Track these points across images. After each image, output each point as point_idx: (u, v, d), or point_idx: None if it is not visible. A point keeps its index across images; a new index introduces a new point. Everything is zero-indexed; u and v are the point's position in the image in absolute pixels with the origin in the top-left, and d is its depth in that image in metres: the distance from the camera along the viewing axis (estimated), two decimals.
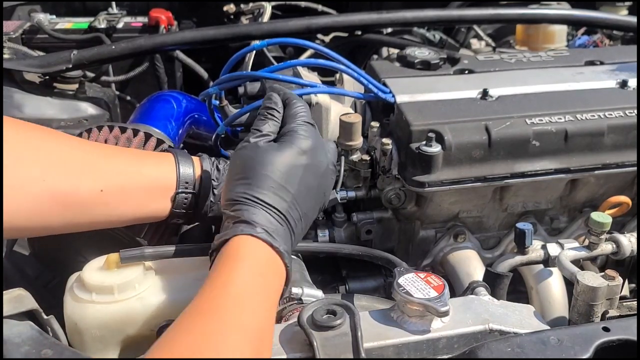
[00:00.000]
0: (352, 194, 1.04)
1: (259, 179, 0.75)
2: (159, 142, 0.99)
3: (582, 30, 1.76)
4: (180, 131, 1.19)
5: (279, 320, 0.80)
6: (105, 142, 0.98)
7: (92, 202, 0.79)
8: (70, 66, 1.24)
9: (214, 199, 0.88)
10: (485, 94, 1.05)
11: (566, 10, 1.48)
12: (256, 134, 0.80)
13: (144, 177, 0.84)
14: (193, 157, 0.90)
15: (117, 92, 1.55)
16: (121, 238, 0.90)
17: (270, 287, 0.70)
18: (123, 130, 0.99)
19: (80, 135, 1.00)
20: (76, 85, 1.34)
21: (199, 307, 0.64)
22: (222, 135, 1.09)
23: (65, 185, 0.77)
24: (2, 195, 0.72)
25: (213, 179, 0.88)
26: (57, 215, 0.78)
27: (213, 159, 0.91)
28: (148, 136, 0.99)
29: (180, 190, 0.86)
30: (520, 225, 0.94)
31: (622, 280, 0.80)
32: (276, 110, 0.83)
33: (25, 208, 0.75)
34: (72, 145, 0.82)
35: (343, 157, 1.01)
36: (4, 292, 0.71)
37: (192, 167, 0.87)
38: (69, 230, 0.82)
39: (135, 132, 0.99)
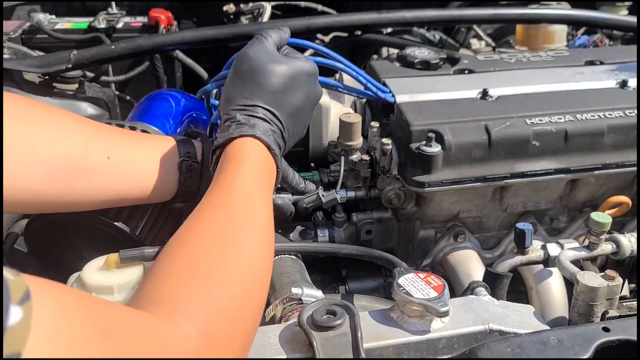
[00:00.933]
0: (352, 194, 1.04)
1: (260, 83, 0.81)
2: None
3: (582, 30, 1.76)
4: (178, 130, 1.19)
5: (279, 320, 0.80)
6: None
7: (100, 170, 0.80)
8: (70, 66, 1.23)
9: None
10: (485, 94, 1.05)
11: (566, 10, 1.48)
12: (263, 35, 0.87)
13: (147, 146, 0.87)
14: (195, 140, 0.92)
15: (117, 92, 1.54)
16: (119, 236, 0.90)
17: (267, 183, 0.77)
18: (120, 127, 0.99)
19: None
20: (76, 85, 1.34)
21: (213, 201, 0.70)
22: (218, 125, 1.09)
23: (74, 152, 0.78)
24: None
25: None
26: (67, 183, 0.78)
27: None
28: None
29: (184, 158, 0.87)
30: (520, 225, 0.94)
31: (622, 280, 0.79)
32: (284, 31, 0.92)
33: (36, 174, 0.75)
34: (78, 117, 0.85)
35: (343, 157, 1.01)
36: None
37: (192, 145, 0.90)
38: (79, 204, 0.82)
39: (133, 130, 0.99)
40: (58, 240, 0.91)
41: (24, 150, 0.74)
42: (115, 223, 0.88)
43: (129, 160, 0.83)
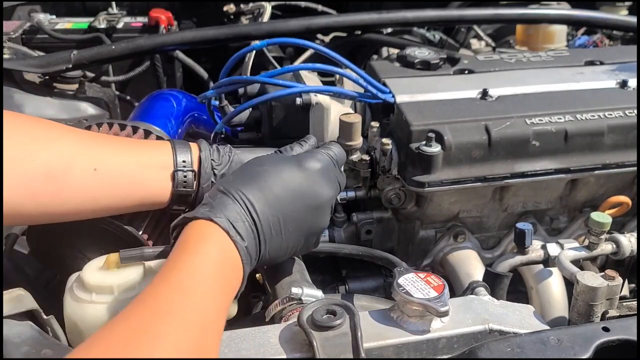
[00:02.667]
0: (352, 194, 1.04)
1: (249, 172, 0.76)
2: (159, 139, 0.99)
3: (582, 30, 1.76)
4: (179, 130, 1.19)
5: (279, 320, 0.80)
6: None
7: (87, 182, 0.78)
8: (70, 66, 1.23)
9: (215, 180, 0.86)
10: (485, 94, 1.05)
11: (566, 10, 1.48)
12: (277, 150, 0.83)
13: (139, 156, 0.83)
14: (191, 143, 0.88)
15: (117, 92, 1.55)
16: (121, 235, 0.90)
17: (223, 279, 0.67)
18: (122, 127, 0.99)
19: None
20: (76, 85, 1.34)
21: (143, 294, 0.61)
22: (222, 135, 1.09)
23: (57, 164, 0.76)
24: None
25: (213, 159, 0.86)
26: (51, 196, 0.76)
27: (214, 145, 0.90)
28: (147, 133, 0.99)
29: (178, 168, 0.83)
30: (520, 225, 0.94)
31: (622, 280, 0.79)
32: (305, 142, 0.87)
33: (17, 187, 0.73)
34: (63, 128, 0.81)
35: None
36: (4, 292, 0.71)
37: (189, 150, 0.86)
38: (67, 214, 0.80)
39: (135, 129, 0.99)
40: (60, 239, 0.91)
41: (5, 164, 0.72)
42: (118, 223, 0.88)
43: (118, 171, 0.80)
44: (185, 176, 0.84)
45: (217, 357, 0.62)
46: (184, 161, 0.84)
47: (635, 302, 0.84)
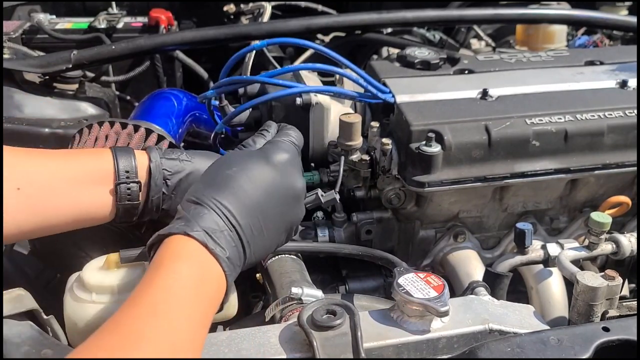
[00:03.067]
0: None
1: (220, 178, 0.72)
2: (160, 138, 0.99)
3: (582, 30, 1.76)
4: (180, 129, 1.19)
5: (279, 320, 0.80)
6: (106, 138, 0.97)
7: (12, 204, 0.72)
8: (70, 66, 1.24)
9: (167, 190, 0.81)
10: (485, 94, 1.05)
11: (566, 10, 1.48)
12: (240, 145, 0.80)
13: (71, 170, 0.77)
14: (138, 150, 0.83)
15: (117, 92, 1.55)
16: (122, 232, 0.89)
17: (200, 295, 0.64)
18: (124, 126, 0.99)
19: (81, 130, 1.00)
20: (76, 85, 1.34)
21: (115, 317, 0.59)
22: (222, 135, 1.09)
23: None
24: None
25: (165, 169, 0.81)
26: None
27: (165, 149, 0.86)
28: (149, 132, 0.99)
29: (121, 181, 0.78)
30: (520, 225, 0.94)
31: (622, 280, 0.79)
32: (267, 131, 0.84)
33: None
34: None
35: (343, 157, 1.01)
36: (4, 292, 0.70)
37: (133, 158, 0.80)
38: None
39: (136, 128, 0.99)
40: (62, 237, 0.91)
41: None
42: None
43: (45, 190, 0.75)
44: (128, 189, 0.79)
45: None
46: (127, 171, 0.79)
47: (635, 302, 0.84)
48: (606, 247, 0.95)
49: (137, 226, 0.89)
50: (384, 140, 0.99)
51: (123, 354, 0.55)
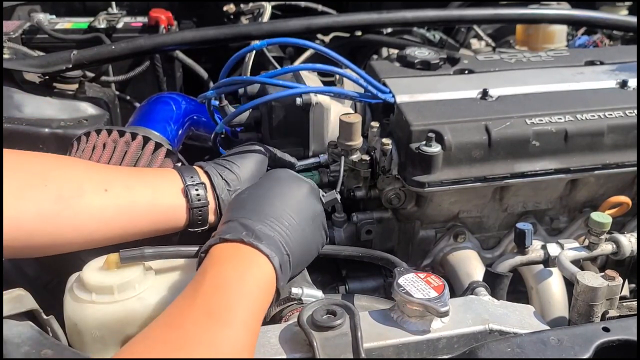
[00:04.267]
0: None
1: (269, 201, 0.79)
2: (158, 145, 0.99)
3: (582, 30, 1.76)
4: (179, 133, 1.18)
5: (279, 320, 0.80)
6: (104, 146, 0.97)
7: (99, 203, 0.79)
8: (70, 66, 1.23)
9: (223, 205, 0.88)
10: (485, 94, 1.05)
11: (566, 10, 1.48)
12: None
13: (147, 177, 0.86)
14: (196, 167, 0.91)
15: (117, 92, 1.54)
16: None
17: (263, 305, 0.70)
18: (121, 133, 0.99)
19: (79, 138, 1.00)
20: (76, 85, 1.34)
21: (168, 316, 0.62)
22: (222, 136, 1.09)
23: (68, 188, 0.77)
24: (2, 201, 0.71)
25: (226, 180, 0.90)
26: (64, 220, 0.76)
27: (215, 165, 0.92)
28: (146, 140, 0.99)
29: (189, 184, 0.86)
30: (520, 225, 0.94)
31: (622, 280, 0.80)
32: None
33: (29, 211, 0.74)
34: (70, 158, 0.86)
35: (343, 157, 1.01)
36: (4, 292, 0.70)
37: (194, 170, 0.89)
38: (79, 240, 0.80)
39: (134, 136, 0.98)
40: None
41: (13, 192, 0.72)
42: None
43: (128, 192, 0.81)
44: (197, 190, 0.86)
45: None
46: (192, 177, 0.87)
47: (635, 302, 0.84)
48: (606, 247, 0.95)
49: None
50: (384, 140, 0.99)
51: (182, 354, 0.57)
